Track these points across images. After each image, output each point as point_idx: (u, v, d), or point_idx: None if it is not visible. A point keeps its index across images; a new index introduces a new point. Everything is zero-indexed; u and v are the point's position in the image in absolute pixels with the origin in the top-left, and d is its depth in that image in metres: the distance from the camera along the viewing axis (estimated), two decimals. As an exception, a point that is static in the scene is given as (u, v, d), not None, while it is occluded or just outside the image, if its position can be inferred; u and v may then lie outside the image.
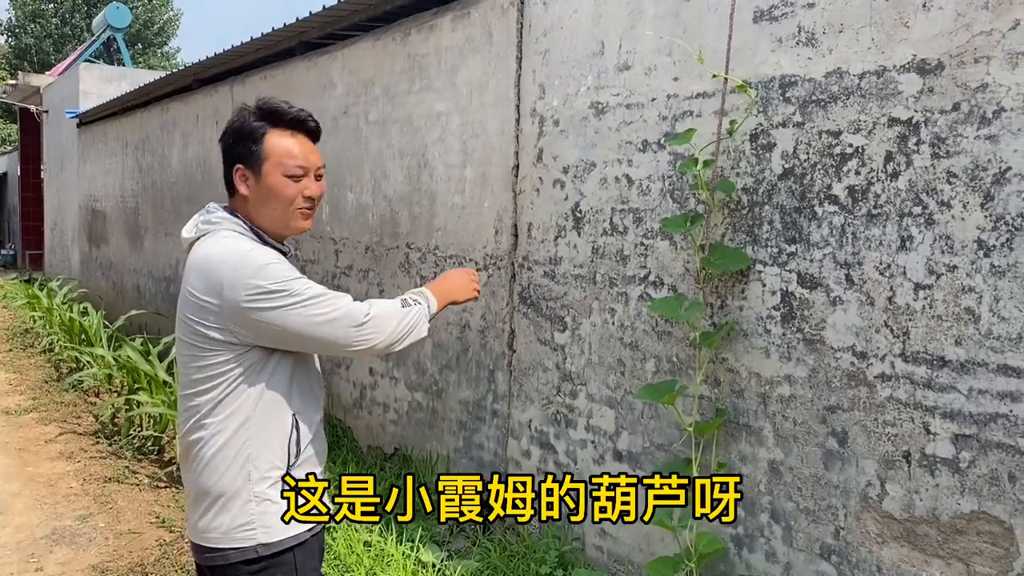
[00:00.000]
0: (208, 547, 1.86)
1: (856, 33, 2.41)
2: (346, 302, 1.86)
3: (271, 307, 1.75)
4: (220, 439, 1.81)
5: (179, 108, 8.07)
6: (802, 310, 2.56)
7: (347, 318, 1.83)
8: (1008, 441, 2.09)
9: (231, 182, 1.90)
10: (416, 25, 4.47)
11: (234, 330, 1.77)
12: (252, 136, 1.84)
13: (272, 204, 1.87)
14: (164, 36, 31.41)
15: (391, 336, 1.90)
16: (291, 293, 1.77)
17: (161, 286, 8.67)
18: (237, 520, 1.82)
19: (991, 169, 2.12)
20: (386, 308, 1.92)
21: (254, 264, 1.76)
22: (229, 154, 1.89)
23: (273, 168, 1.85)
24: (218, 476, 1.81)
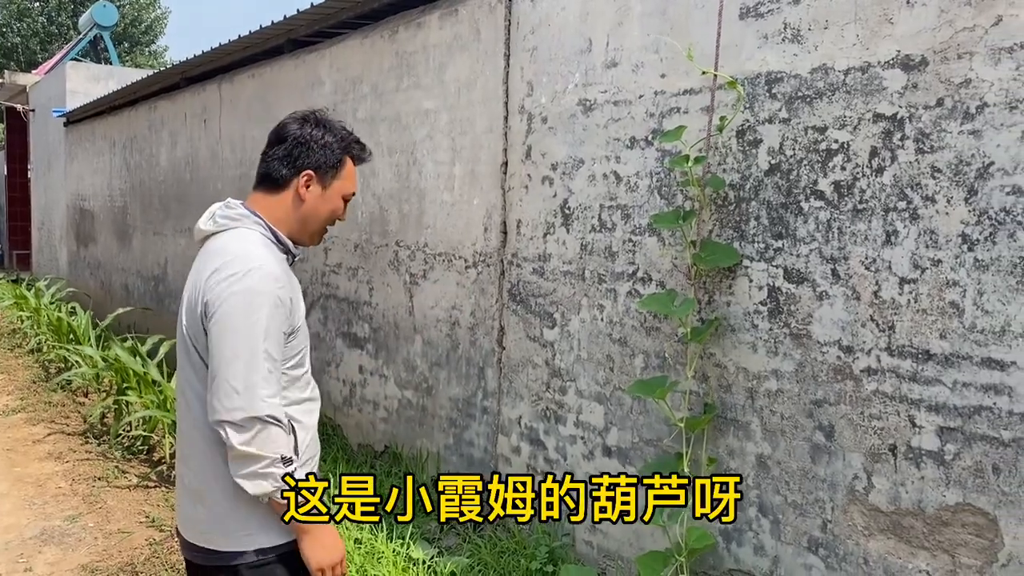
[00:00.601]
0: (205, 548, 1.86)
1: (841, 29, 2.42)
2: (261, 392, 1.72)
3: (215, 335, 1.74)
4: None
5: (167, 107, 8.04)
6: (789, 305, 2.57)
7: (248, 402, 1.71)
8: (992, 433, 2.11)
9: (278, 180, 1.92)
10: (404, 22, 4.47)
11: None
12: (336, 153, 1.94)
13: (319, 217, 1.96)
14: (152, 35, 31.26)
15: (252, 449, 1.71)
16: (240, 344, 1.72)
17: (150, 285, 8.64)
18: (237, 522, 1.82)
19: (974, 164, 2.14)
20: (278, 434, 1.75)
21: (252, 291, 1.75)
22: (302, 157, 1.91)
23: (339, 188, 1.96)
24: (222, 476, 1.81)
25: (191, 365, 1.86)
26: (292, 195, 1.93)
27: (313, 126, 1.93)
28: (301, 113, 1.98)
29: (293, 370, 1.90)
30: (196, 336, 1.83)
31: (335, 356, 5.20)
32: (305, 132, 1.92)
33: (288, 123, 1.96)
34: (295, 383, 1.90)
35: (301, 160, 1.92)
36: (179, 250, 7.80)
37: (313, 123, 1.94)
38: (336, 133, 1.95)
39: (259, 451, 1.71)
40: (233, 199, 1.97)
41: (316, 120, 1.95)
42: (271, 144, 1.96)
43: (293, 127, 1.94)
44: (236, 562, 1.83)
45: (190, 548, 1.92)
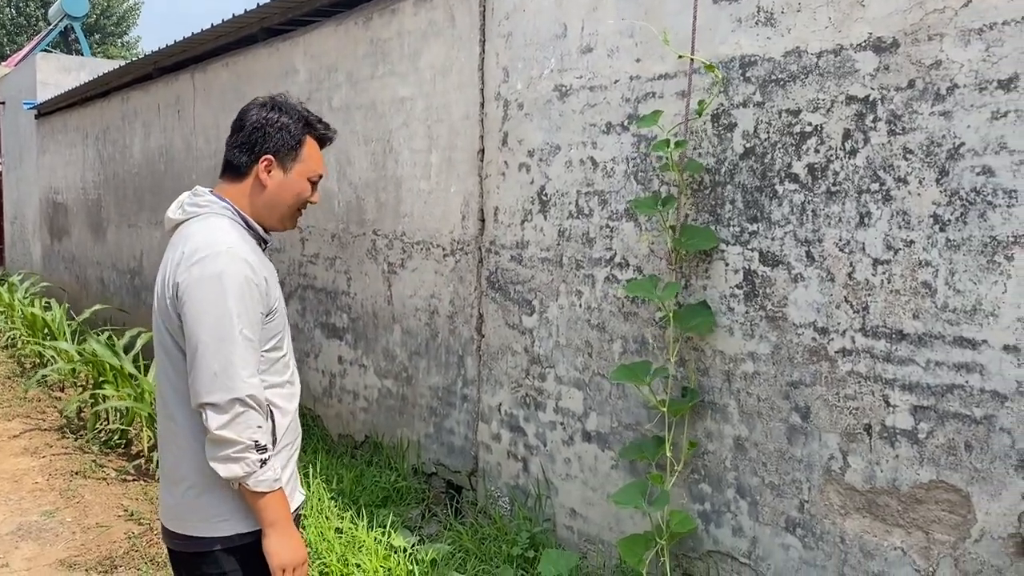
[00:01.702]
0: (184, 534, 1.86)
1: (814, 12, 2.43)
2: (241, 373, 1.73)
3: (191, 306, 1.74)
4: (201, 427, 1.78)
5: (140, 97, 7.94)
6: (764, 288, 2.59)
7: (227, 385, 1.72)
8: (964, 411, 2.14)
9: (240, 168, 1.91)
10: (378, 9, 4.44)
11: None
12: (294, 135, 1.91)
13: (284, 201, 1.94)
14: (124, 25, 30.84)
15: (230, 433, 1.72)
16: (220, 330, 1.73)
17: (126, 278, 8.55)
18: (216, 508, 1.82)
19: (945, 145, 2.16)
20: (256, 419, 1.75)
21: (209, 271, 1.75)
22: (259, 143, 1.90)
23: (302, 171, 1.94)
24: (198, 463, 1.80)
25: (165, 353, 1.85)
26: (253, 181, 1.92)
27: (270, 110, 1.92)
28: (263, 99, 1.96)
29: (271, 352, 1.88)
30: (168, 323, 1.82)
31: (314, 347, 5.17)
32: (262, 116, 1.90)
33: (248, 108, 1.94)
34: (273, 366, 1.89)
35: (259, 145, 1.90)
36: (154, 242, 7.72)
37: (271, 107, 1.92)
38: (293, 114, 1.93)
39: (235, 436, 1.71)
40: (200, 187, 1.95)
41: (274, 104, 1.93)
42: (233, 131, 1.95)
43: (251, 113, 1.92)
44: (213, 548, 1.83)
45: (169, 535, 1.91)
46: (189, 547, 1.86)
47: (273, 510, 1.79)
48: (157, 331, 1.88)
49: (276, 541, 1.80)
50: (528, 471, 3.58)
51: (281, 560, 1.79)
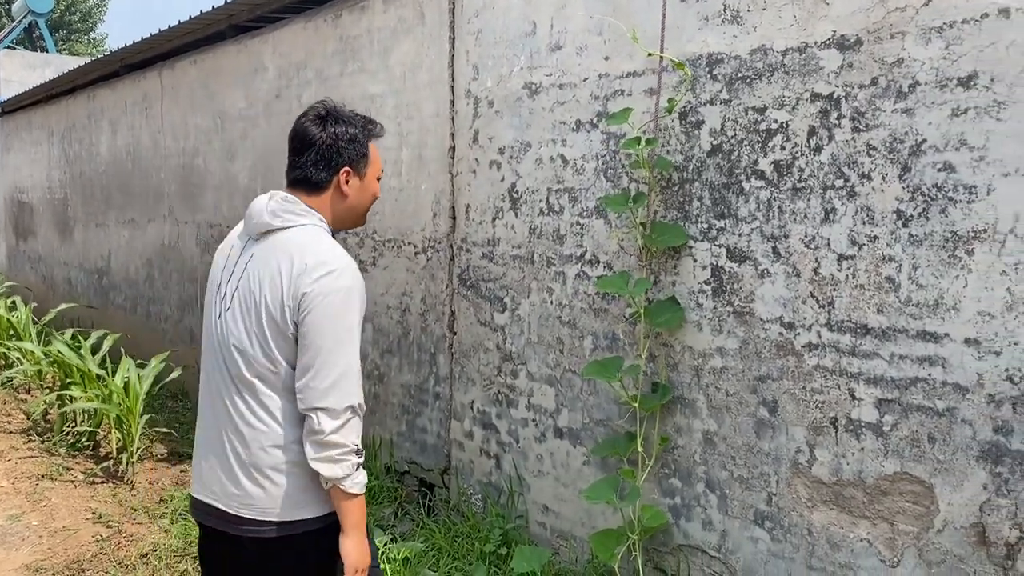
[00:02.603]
0: (264, 520, 1.92)
1: (779, 10, 2.46)
2: (356, 385, 1.88)
3: (315, 327, 1.85)
4: (291, 419, 1.89)
5: (106, 95, 7.83)
6: (732, 283, 2.61)
7: (345, 392, 1.85)
8: (927, 404, 2.18)
9: (320, 182, 1.99)
10: (348, 6, 4.41)
11: (296, 322, 1.87)
12: (362, 143, 2.03)
13: (363, 203, 2.07)
14: (90, 22, 30.39)
15: (341, 438, 1.85)
16: (341, 337, 1.86)
17: (93, 278, 8.43)
18: (302, 495, 1.92)
19: (908, 141, 2.19)
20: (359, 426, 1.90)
21: (337, 287, 1.86)
22: (335, 158, 1.98)
23: (373, 172, 2.07)
24: (286, 454, 1.90)
25: (254, 346, 1.89)
26: (334, 193, 2.01)
27: (335, 123, 2.00)
28: (313, 112, 2.01)
29: None
30: (268, 323, 1.88)
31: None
32: (329, 133, 1.98)
33: (307, 127, 1.99)
34: None
35: (335, 160, 1.99)
36: (122, 242, 7.63)
37: (333, 120, 2.00)
38: (356, 123, 2.02)
39: (343, 440, 1.84)
40: (283, 192, 2.00)
41: (334, 116, 2.01)
42: (298, 152, 2.00)
43: (315, 130, 1.98)
44: (296, 531, 1.92)
45: (235, 521, 1.94)
46: (265, 532, 1.92)
47: (358, 513, 1.91)
48: (228, 325, 1.93)
49: (354, 543, 1.92)
50: (501, 468, 3.59)
51: (355, 561, 1.91)
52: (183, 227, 6.42)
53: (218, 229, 5.89)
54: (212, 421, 2.00)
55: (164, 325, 6.87)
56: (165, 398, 6.36)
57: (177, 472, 4.89)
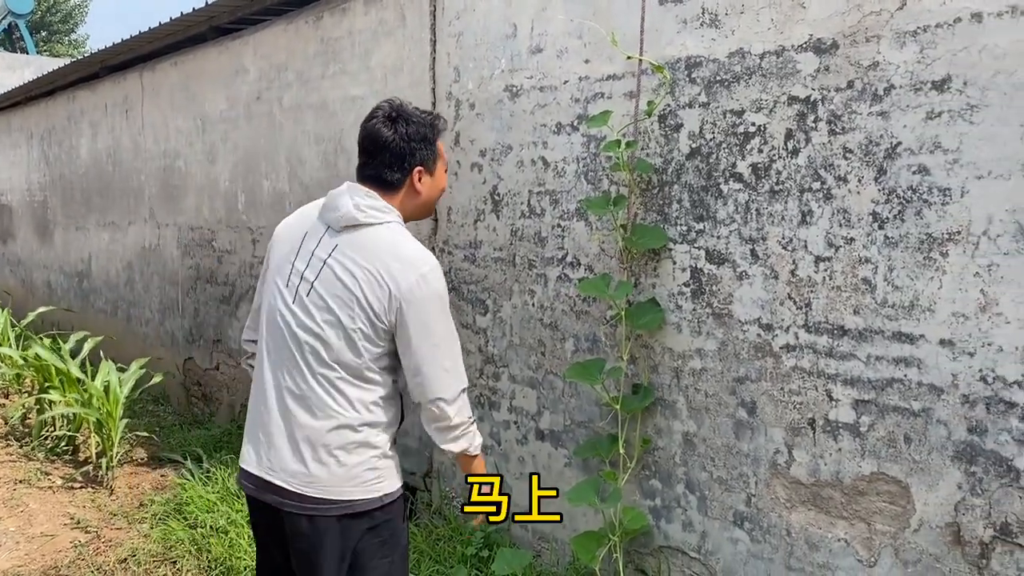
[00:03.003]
0: (337, 499, 2.00)
1: (756, 14, 2.47)
2: (462, 378, 2.10)
3: (421, 331, 1.99)
4: (361, 405, 2.01)
5: (87, 97, 7.77)
6: (711, 285, 2.62)
7: (458, 381, 2.08)
8: (903, 404, 2.19)
9: (395, 180, 2.08)
10: (329, 8, 4.40)
11: (394, 322, 1.99)
12: (432, 141, 2.12)
13: (433, 197, 2.18)
14: (71, 23, 30.16)
15: (465, 424, 2.11)
16: (442, 335, 2.04)
17: (73, 281, 8.36)
18: (373, 472, 2.04)
19: (883, 144, 2.21)
20: (467, 401, 2.14)
21: (433, 290, 2.01)
22: (408, 158, 2.07)
23: (441, 167, 2.18)
24: (358, 434, 2.01)
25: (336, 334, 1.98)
26: (408, 190, 2.11)
27: (405, 124, 2.06)
28: (383, 113, 2.07)
29: None
30: (359, 312, 1.97)
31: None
32: (400, 134, 2.05)
33: (379, 128, 2.06)
34: None
35: (408, 161, 2.07)
36: (103, 244, 7.57)
37: (402, 121, 2.06)
38: (423, 122, 2.09)
39: (464, 419, 2.09)
40: (363, 187, 2.06)
41: (403, 118, 2.07)
42: (371, 153, 2.08)
43: (387, 132, 2.05)
44: (372, 507, 2.04)
45: (295, 499, 2.01)
46: (328, 511, 2.00)
47: (482, 464, 2.23)
48: (309, 311, 2.01)
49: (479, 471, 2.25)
50: (482, 471, 3.58)
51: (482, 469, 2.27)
52: (164, 230, 6.38)
53: (199, 232, 5.85)
54: (276, 402, 2.06)
55: (145, 329, 6.82)
56: (146, 402, 6.31)
57: (157, 476, 4.86)
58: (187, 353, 6.16)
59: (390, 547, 2.10)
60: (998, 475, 2.03)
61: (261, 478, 2.07)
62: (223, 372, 5.73)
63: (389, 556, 2.10)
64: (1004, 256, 2.00)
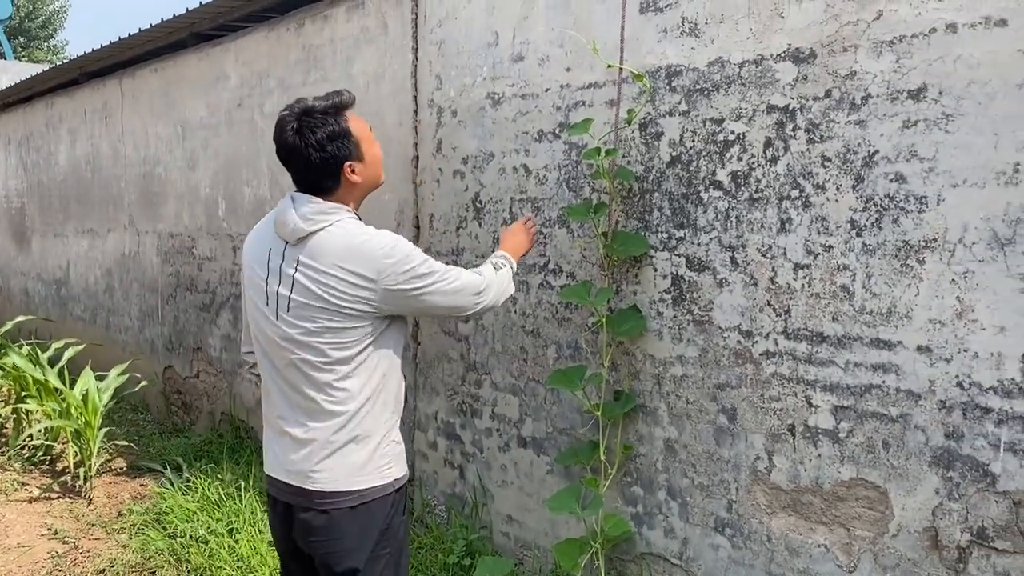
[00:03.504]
0: (354, 490, 2.08)
1: (736, 23, 2.49)
2: (464, 274, 2.21)
3: (419, 287, 2.08)
4: (362, 396, 2.07)
5: (65, 103, 7.71)
6: (691, 292, 2.64)
7: (469, 287, 2.21)
8: (881, 410, 2.21)
9: (330, 183, 2.10)
10: (310, 15, 4.40)
11: (383, 306, 2.05)
12: (346, 133, 2.08)
13: (375, 173, 2.19)
14: (50, 28, 29.91)
15: (495, 298, 2.32)
16: (432, 272, 2.11)
17: (51, 289, 8.28)
18: (376, 461, 2.11)
19: (861, 152, 2.23)
20: (491, 275, 2.33)
21: (401, 252, 2.06)
22: (332, 158, 2.07)
23: (367, 144, 2.15)
24: (358, 424, 2.08)
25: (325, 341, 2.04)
26: (345, 186, 2.12)
27: (311, 132, 2.04)
28: (290, 127, 2.05)
29: None
30: (344, 317, 2.03)
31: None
32: (312, 143, 2.04)
33: (289, 142, 2.05)
34: (403, 334, 2.23)
35: (331, 165, 2.07)
36: (81, 251, 7.50)
37: (308, 130, 2.04)
38: (328, 117, 2.06)
39: (492, 294, 2.31)
40: (299, 194, 2.10)
41: (306, 126, 2.04)
42: (293, 167, 2.10)
43: (297, 144, 2.04)
44: (376, 496, 2.10)
45: (304, 495, 2.09)
46: (343, 502, 2.07)
47: (517, 261, 2.57)
48: (295, 324, 2.05)
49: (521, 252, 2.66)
50: (464, 479, 3.58)
51: (529, 245, 2.72)
52: (144, 237, 6.33)
53: (179, 239, 5.82)
54: (286, 410, 2.14)
55: (124, 336, 6.76)
56: (125, 411, 6.26)
57: (136, 486, 4.81)
58: (167, 361, 6.11)
59: (389, 538, 2.15)
60: (974, 480, 2.05)
61: (279, 480, 2.16)
62: (203, 380, 5.69)
63: (388, 548, 2.14)
64: (979, 263, 2.02)
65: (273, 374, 2.16)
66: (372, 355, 2.09)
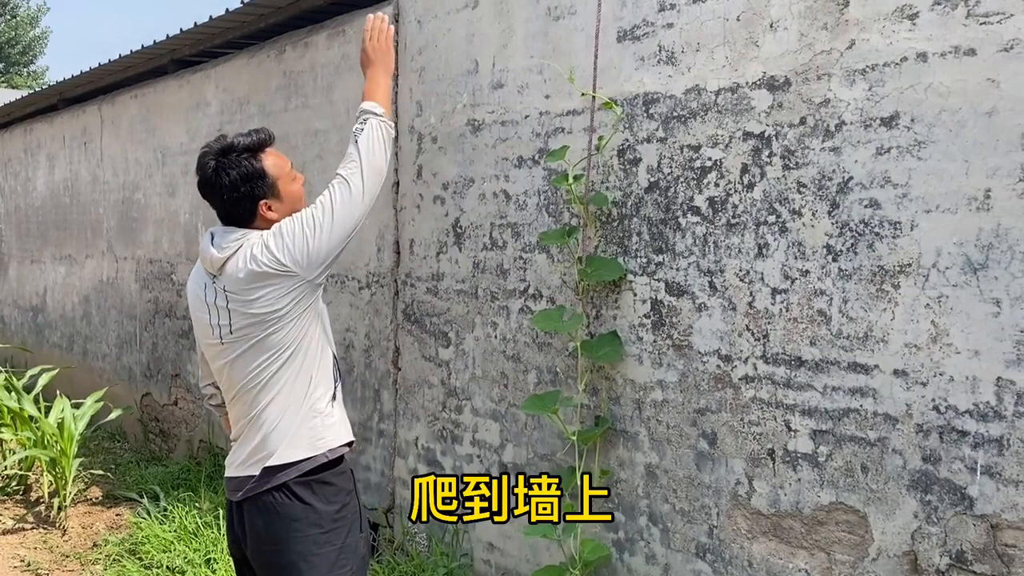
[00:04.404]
0: (282, 463, 2.15)
1: (711, 52, 2.53)
2: (333, 193, 2.18)
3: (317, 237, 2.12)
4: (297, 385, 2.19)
5: (44, 129, 7.68)
6: (671, 317, 2.65)
7: (346, 196, 2.18)
8: (860, 434, 2.22)
9: (246, 218, 2.20)
10: (291, 42, 4.41)
11: (304, 274, 2.13)
12: (259, 172, 2.17)
13: (295, 206, 2.23)
14: (30, 55, 29.82)
15: (378, 161, 2.28)
16: (310, 215, 2.15)
17: (28, 316, 8.19)
18: (313, 435, 2.19)
19: (835, 179, 2.26)
20: (356, 160, 2.25)
21: (283, 225, 2.15)
22: (247, 197, 2.16)
23: (284, 182, 2.22)
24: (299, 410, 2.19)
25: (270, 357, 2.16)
26: (262, 220, 2.20)
27: (227, 171, 2.14)
28: (210, 165, 2.16)
29: None
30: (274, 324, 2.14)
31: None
32: (228, 181, 2.14)
33: (210, 180, 2.16)
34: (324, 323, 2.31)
35: (247, 202, 2.17)
36: (59, 278, 7.43)
37: (224, 170, 2.14)
38: (245, 155, 2.16)
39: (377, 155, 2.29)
40: (221, 228, 2.22)
41: (222, 166, 2.14)
42: (213, 203, 2.22)
43: (215, 181, 2.15)
44: (312, 465, 2.17)
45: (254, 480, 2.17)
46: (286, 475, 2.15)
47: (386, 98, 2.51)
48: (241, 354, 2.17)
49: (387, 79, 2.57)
50: (445, 505, 3.55)
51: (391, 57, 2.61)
52: (122, 263, 6.29)
53: (158, 265, 5.78)
54: (246, 429, 2.24)
55: (101, 364, 6.69)
56: (102, 439, 6.17)
57: (112, 516, 4.74)
58: (145, 388, 6.05)
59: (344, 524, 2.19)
60: (952, 503, 2.06)
61: (230, 477, 2.27)
62: (181, 407, 5.63)
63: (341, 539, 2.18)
64: (953, 288, 2.05)
65: (236, 404, 2.27)
66: (299, 349, 2.18)
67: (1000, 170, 1.96)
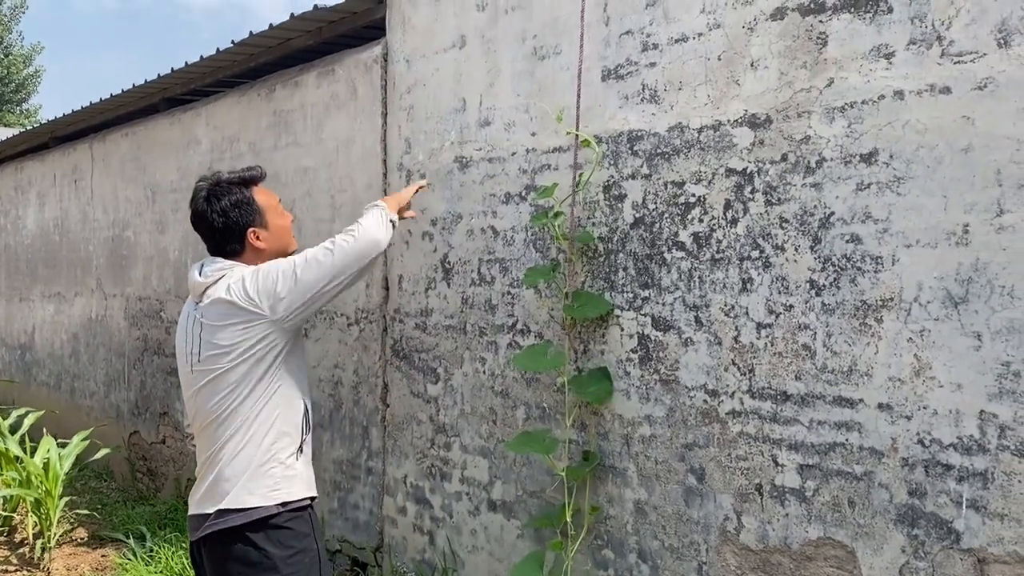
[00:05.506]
0: (236, 508, 2.19)
1: (694, 90, 2.57)
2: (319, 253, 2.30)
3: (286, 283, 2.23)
4: (256, 427, 2.24)
5: (35, 167, 7.70)
6: (657, 352, 2.66)
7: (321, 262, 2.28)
8: (846, 468, 2.22)
9: (236, 248, 2.33)
10: (281, 81, 4.46)
11: (276, 317, 2.23)
12: (250, 202, 2.32)
13: (283, 240, 2.41)
14: (23, 93, 29.97)
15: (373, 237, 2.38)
16: (296, 265, 2.27)
17: (16, 354, 8.14)
18: (270, 484, 2.24)
19: (817, 214, 2.29)
20: (353, 232, 2.37)
21: (263, 269, 2.27)
22: (236, 224, 2.30)
23: (272, 215, 2.38)
24: (256, 453, 2.24)
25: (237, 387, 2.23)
26: (250, 251, 2.34)
27: (218, 199, 2.28)
28: (202, 195, 2.31)
29: None
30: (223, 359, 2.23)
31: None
32: (218, 210, 2.28)
33: (200, 209, 2.31)
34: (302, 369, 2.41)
35: (235, 231, 2.30)
36: (47, 316, 7.40)
37: (215, 198, 2.29)
38: (234, 188, 2.31)
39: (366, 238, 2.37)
40: (209, 258, 2.36)
41: (215, 193, 2.29)
42: (203, 234, 2.35)
43: (207, 211, 2.29)
44: (261, 515, 2.21)
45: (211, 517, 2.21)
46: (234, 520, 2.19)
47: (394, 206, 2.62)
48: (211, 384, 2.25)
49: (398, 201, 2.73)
50: (434, 544, 3.52)
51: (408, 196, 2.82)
52: (111, 300, 6.27)
53: (148, 302, 5.77)
54: (207, 456, 2.30)
55: (89, 402, 6.64)
56: (88, 478, 6.11)
57: (97, 557, 4.67)
58: (132, 427, 6.00)
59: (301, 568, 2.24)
60: (939, 538, 2.06)
61: (191, 515, 2.31)
62: (169, 446, 5.58)
63: None
64: (935, 322, 2.06)
65: (200, 435, 2.33)
66: (271, 388, 2.27)
67: (977, 205, 1.99)
